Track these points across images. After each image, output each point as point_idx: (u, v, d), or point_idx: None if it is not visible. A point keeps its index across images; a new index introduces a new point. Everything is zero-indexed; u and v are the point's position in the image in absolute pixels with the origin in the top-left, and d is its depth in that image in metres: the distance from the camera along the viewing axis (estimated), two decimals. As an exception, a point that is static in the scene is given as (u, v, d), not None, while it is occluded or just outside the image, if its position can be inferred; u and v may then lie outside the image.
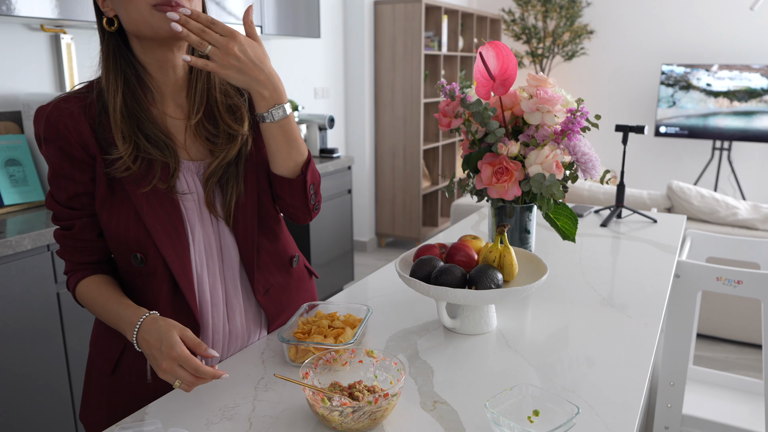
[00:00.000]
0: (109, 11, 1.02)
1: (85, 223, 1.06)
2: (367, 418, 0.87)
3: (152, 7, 0.96)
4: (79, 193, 1.05)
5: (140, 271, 1.08)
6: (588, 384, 1.02)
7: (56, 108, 1.02)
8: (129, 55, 1.04)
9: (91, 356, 1.17)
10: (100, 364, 1.13)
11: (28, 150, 2.30)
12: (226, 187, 1.10)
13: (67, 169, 1.03)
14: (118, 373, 1.11)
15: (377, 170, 4.93)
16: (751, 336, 3.15)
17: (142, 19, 0.97)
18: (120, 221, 1.04)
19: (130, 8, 0.97)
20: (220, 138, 1.10)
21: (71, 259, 1.09)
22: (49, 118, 1.01)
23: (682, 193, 3.25)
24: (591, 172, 1.39)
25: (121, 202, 1.04)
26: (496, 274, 1.16)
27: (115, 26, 1.02)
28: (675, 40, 5.62)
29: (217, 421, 0.92)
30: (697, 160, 5.73)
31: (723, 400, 2.27)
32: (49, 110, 1.02)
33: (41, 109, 1.03)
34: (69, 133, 1.01)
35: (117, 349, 1.11)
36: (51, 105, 1.02)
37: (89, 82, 1.08)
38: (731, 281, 1.84)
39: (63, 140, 1.01)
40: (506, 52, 1.35)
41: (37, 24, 2.35)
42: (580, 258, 1.71)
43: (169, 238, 1.05)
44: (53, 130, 1.01)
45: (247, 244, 1.13)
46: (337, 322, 1.15)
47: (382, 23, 4.65)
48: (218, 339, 1.14)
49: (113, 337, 1.11)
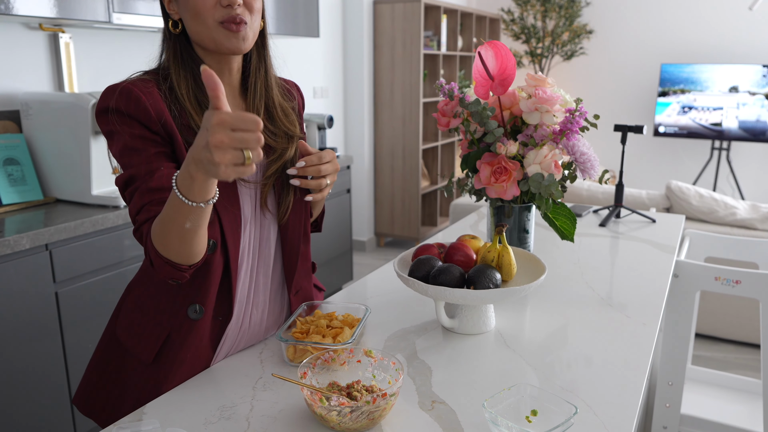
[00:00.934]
0: (174, 14, 1.06)
1: (168, 172, 0.99)
2: (365, 418, 0.87)
3: (218, 23, 1.02)
4: (160, 152, 1.01)
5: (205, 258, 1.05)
6: (586, 384, 1.03)
7: (134, 84, 1.02)
8: (195, 54, 1.08)
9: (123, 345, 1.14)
10: (138, 354, 1.11)
11: (27, 149, 2.29)
12: (283, 186, 1.15)
13: (147, 133, 1.01)
14: (158, 362, 1.10)
15: (376, 170, 4.93)
16: (750, 336, 3.15)
17: (207, 33, 1.03)
18: None
19: (196, 21, 1.02)
20: (279, 137, 1.15)
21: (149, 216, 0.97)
22: (129, 93, 1.00)
23: (681, 193, 3.25)
24: (590, 171, 1.39)
25: None
26: (495, 274, 1.16)
27: (179, 29, 1.06)
28: (674, 40, 5.62)
29: (215, 420, 0.92)
30: (696, 160, 5.74)
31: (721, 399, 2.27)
32: (126, 86, 1.01)
33: (115, 86, 1.02)
34: (149, 107, 1.00)
35: (160, 338, 1.09)
36: (127, 82, 1.02)
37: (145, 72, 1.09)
38: (730, 281, 1.84)
39: (143, 113, 1.00)
40: (505, 51, 1.35)
41: (36, 23, 2.35)
42: (579, 258, 1.71)
43: (231, 227, 1.08)
44: (133, 103, 1.00)
45: (294, 243, 1.19)
46: (335, 322, 1.15)
47: (381, 23, 4.65)
48: (234, 332, 1.16)
49: (154, 325, 1.10)
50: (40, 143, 2.29)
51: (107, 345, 1.18)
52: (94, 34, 2.63)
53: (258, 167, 1.12)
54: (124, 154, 1.01)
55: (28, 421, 1.98)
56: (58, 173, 2.28)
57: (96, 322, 2.16)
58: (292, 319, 1.17)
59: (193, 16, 1.02)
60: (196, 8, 1.02)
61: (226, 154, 0.74)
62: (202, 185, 0.83)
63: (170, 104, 1.04)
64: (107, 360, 1.17)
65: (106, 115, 1.02)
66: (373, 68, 4.76)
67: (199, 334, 1.10)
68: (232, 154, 0.74)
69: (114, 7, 2.26)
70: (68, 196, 2.29)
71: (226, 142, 0.74)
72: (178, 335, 1.09)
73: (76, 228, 2.03)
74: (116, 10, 2.27)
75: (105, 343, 1.19)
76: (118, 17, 2.28)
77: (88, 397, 1.18)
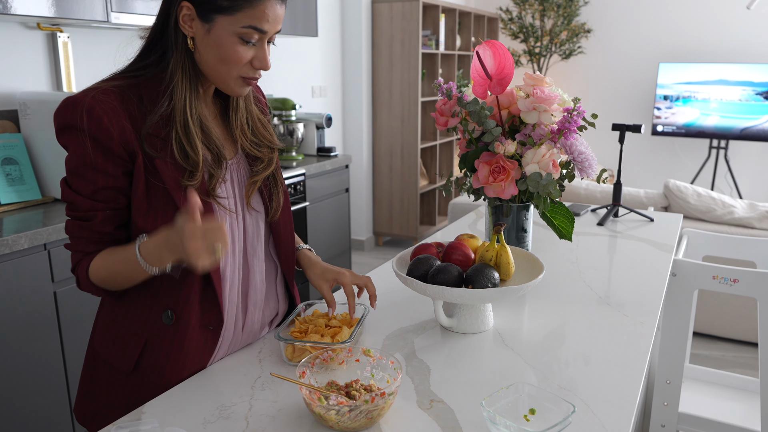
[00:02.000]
0: (189, 31, 1.03)
1: (107, 216, 1.04)
2: (363, 417, 0.87)
3: (240, 77, 1.06)
4: (108, 186, 1.02)
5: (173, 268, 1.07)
6: (584, 382, 1.03)
7: (97, 101, 0.99)
8: (199, 71, 1.07)
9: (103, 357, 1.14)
10: (118, 365, 1.12)
11: (25, 149, 2.29)
12: (273, 188, 1.20)
13: (100, 161, 1.01)
14: (138, 371, 1.10)
15: (375, 169, 4.93)
16: (748, 334, 3.16)
17: (223, 78, 1.05)
18: (158, 220, 1.03)
19: (219, 64, 1.03)
20: (263, 147, 1.18)
21: (84, 249, 1.06)
22: (90, 111, 0.99)
23: (679, 192, 3.25)
24: (588, 171, 1.40)
25: (162, 201, 1.04)
26: (493, 273, 1.16)
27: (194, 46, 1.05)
28: (672, 39, 5.62)
29: (214, 420, 0.92)
30: (694, 159, 5.74)
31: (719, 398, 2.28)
32: (89, 102, 0.99)
33: (76, 99, 1.00)
34: (112, 127, 0.99)
35: (137, 347, 1.09)
36: (89, 96, 1.00)
37: (119, 76, 1.07)
38: (727, 280, 1.85)
39: (104, 133, 0.99)
40: (503, 51, 1.35)
41: (34, 22, 2.34)
42: (577, 257, 1.71)
43: None
44: (95, 122, 0.99)
45: (288, 238, 1.23)
46: (334, 321, 1.15)
47: (380, 22, 4.65)
48: (230, 336, 1.15)
49: (131, 335, 1.10)
50: (38, 143, 2.29)
51: (91, 357, 1.18)
52: (93, 33, 2.63)
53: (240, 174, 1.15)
54: (74, 174, 1.03)
55: (26, 420, 1.98)
56: (56, 173, 2.28)
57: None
58: (290, 318, 1.17)
59: (221, 58, 1.02)
60: (226, 56, 1.02)
61: (200, 253, 0.90)
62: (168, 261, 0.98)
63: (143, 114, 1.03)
64: (92, 371, 1.17)
65: (66, 130, 1.02)
66: (372, 67, 4.76)
67: (178, 340, 1.07)
68: (206, 251, 0.90)
69: (112, 6, 2.26)
70: (66, 195, 2.29)
71: (200, 247, 0.89)
72: (156, 342, 1.09)
73: (75, 227, 2.02)
74: (114, 10, 2.27)
75: (89, 355, 1.19)
76: (116, 16, 2.28)
77: (82, 407, 1.18)
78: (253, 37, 1.02)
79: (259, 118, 1.20)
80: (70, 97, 1.02)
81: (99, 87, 1.02)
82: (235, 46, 1.02)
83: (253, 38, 1.02)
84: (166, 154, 1.03)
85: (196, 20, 1.02)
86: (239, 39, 1.02)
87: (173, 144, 1.03)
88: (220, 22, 1.00)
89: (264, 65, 1.05)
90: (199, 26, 1.02)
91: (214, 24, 1.01)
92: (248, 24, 1.00)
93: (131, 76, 1.07)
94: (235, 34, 1.01)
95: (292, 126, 3.44)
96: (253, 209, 1.17)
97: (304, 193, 3.26)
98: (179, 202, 1.03)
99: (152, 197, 1.03)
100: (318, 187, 3.41)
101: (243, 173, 1.16)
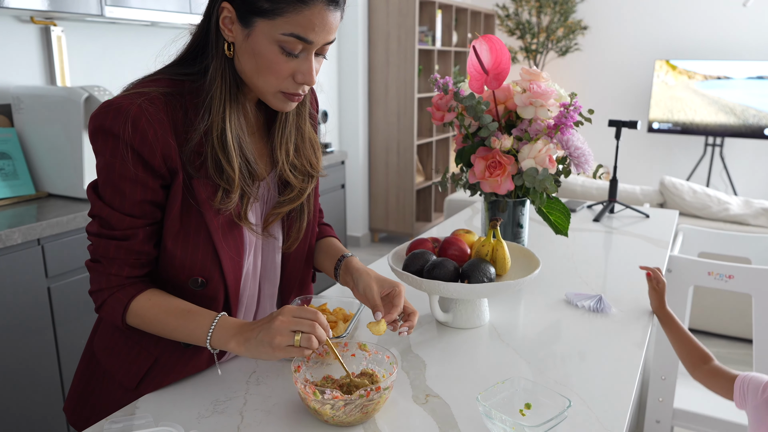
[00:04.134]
0: (229, 35, 0.92)
1: (147, 233, 0.96)
2: (358, 412, 0.87)
3: (280, 92, 0.94)
4: (147, 200, 0.94)
5: (194, 292, 1.01)
6: (580, 377, 1.03)
7: (143, 111, 0.90)
8: (240, 80, 0.97)
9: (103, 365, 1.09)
10: (119, 379, 1.05)
11: (18, 143, 2.28)
12: (296, 220, 1.10)
13: (141, 174, 0.92)
14: (139, 389, 1.03)
15: (371, 165, 4.92)
16: (742, 331, 3.16)
17: (263, 90, 0.94)
18: (188, 243, 0.97)
19: (259, 74, 0.92)
20: (300, 173, 1.07)
21: (120, 273, 0.96)
22: (136, 122, 0.89)
23: (675, 189, 3.26)
24: (584, 166, 1.39)
25: (194, 224, 0.97)
26: (489, 268, 1.16)
27: (231, 52, 0.94)
28: (668, 35, 5.63)
29: (209, 415, 0.92)
30: (689, 156, 5.76)
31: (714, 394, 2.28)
32: (135, 111, 0.89)
33: (120, 105, 0.90)
34: (156, 142, 0.90)
35: (145, 365, 1.03)
36: (135, 105, 0.90)
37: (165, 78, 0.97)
38: (723, 276, 1.85)
39: (147, 148, 0.90)
40: (499, 45, 1.35)
41: (27, 16, 2.33)
42: (573, 252, 1.71)
43: (232, 264, 1.01)
44: (139, 135, 0.89)
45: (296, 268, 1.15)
46: (329, 316, 1.14)
47: (376, 18, 4.63)
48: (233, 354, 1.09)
49: (140, 350, 1.04)
50: (32, 137, 2.27)
51: (89, 362, 1.13)
52: (87, 27, 2.61)
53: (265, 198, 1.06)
54: (107, 185, 0.94)
55: (20, 416, 1.97)
56: (50, 168, 2.27)
57: (89, 318, 2.15)
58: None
59: (259, 68, 0.92)
60: (265, 67, 0.91)
61: (292, 325, 0.87)
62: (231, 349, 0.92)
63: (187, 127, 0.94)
64: (88, 376, 1.12)
65: (103, 136, 0.92)
66: (368, 63, 4.75)
67: (192, 363, 1.03)
68: (288, 336, 0.86)
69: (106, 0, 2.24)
70: (60, 190, 2.27)
71: (287, 325, 0.86)
72: (168, 362, 1.03)
73: (69, 223, 2.01)
74: (108, 3, 2.25)
75: (86, 360, 1.13)
76: (110, 10, 2.26)
77: (75, 409, 1.14)
78: (297, 47, 0.90)
79: (310, 138, 1.08)
80: (112, 101, 0.91)
81: (145, 93, 0.92)
82: (274, 56, 0.90)
83: (297, 49, 0.90)
84: (204, 173, 0.95)
85: (236, 24, 0.91)
86: (280, 48, 0.90)
87: (208, 159, 0.94)
88: (260, 27, 0.89)
89: (308, 80, 0.93)
90: (239, 30, 0.91)
91: (254, 29, 0.89)
92: (290, 32, 0.88)
93: (177, 80, 0.96)
94: (275, 41, 0.89)
95: (287, 122, 3.42)
96: (272, 236, 1.09)
97: (299, 189, 3.24)
98: (211, 227, 0.97)
99: (184, 218, 0.96)
100: (314, 183, 3.40)
101: (271, 197, 1.06)
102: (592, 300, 1.32)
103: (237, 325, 0.92)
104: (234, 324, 0.93)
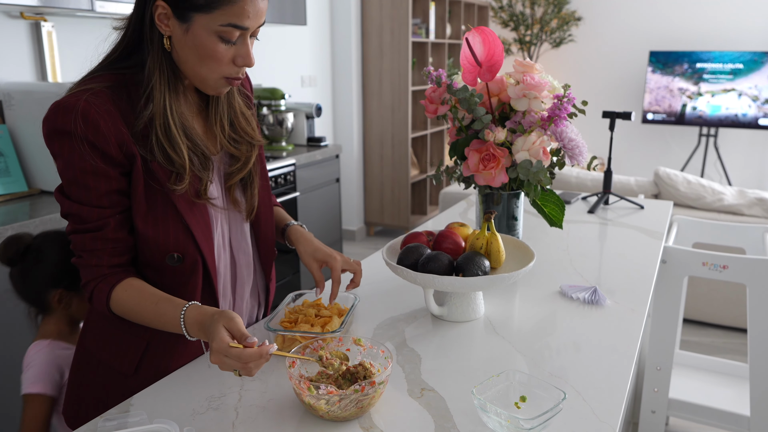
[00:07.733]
0: (165, 29, 0.98)
1: (118, 221, 1.00)
2: (353, 407, 0.87)
3: (223, 77, 1.01)
4: (112, 190, 0.99)
5: (173, 269, 1.05)
6: (575, 369, 1.03)
7: (91, 104, 0.95)
8: (178, 70, 1.02)
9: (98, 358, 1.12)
10: (117, 367, 1.09)
11: (10, 140, 2.26)
12: (248, 187, 1.15)
13: (101, 166, 0.96)
14: (138, 373, 1.08)
15: (365, 159, 4.91)
16: (737, 320, 3.18)
17: (204, 78, 1.01)
18: (158, 222, 1.02)
19: (200, 63, 0.99)
20: (242, 144, 1.13)
21: (100, 263, 1.01)
22: (86, 115, 0.94)
23: (669, 180, 3.26)
24: (578, 158, 1.39)
25: (160, 203, 1.02)
26: (484, 261, 1.16)
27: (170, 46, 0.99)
28: (662, 26, 5.62)
29: (203, 411, 0.92)
30: (683, 147, 5.76)
31: (709, 384, 2.29)
32: (83, 106, 0.94)
33: (68, 104, 0.95)
34: (109, 131, 0.95)
35: (138, 350, 1.08)
36: (81, 100, 0.95)
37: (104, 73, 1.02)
38: (717, 266, 1.86)
39: (101, 138, 0.95)
40: (493, 37, 1.34)
41: (17, 11, 2.31)
42: (568, 244, 1.71)
43: (204, 236, 1.06)
44: (91, 127, 0.94)
45: (268, 235, 1.21)
46: (324, 311, 1.14)
47: (369, 10, 4.61)
48: None
49: (131, 337, 1.08)
50: (24, 134, 2.26)
51: (81, 358, 1.15)
52: (77, 22, 2.59)
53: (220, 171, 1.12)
54: (72, 184, 0.98)
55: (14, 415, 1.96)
56: (42, 164, 2.25)
57: (83, 314, 2.14)
58: (280, 308, 1.16)
59: (201, 58, 0.98)
60: (207, 56, 0.97)
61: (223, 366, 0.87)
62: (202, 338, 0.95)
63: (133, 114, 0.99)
64: (84, 373, 1.14)
65: (58, 136, 0.96)
66: (362, 56, 4.73)
67: (183, 340, 1.04)
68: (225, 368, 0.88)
69: (97, -6, 2.22)
70: (53, 187, 2.26)
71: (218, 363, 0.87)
72: (159, 344, 1.08)
73: (62, 220, 2.00)
74: (99, -2, 2.23)
75: (79, 356, 1.16)
76: (101, 5, 2.24)
77: (73, 410, 1.15)
78: (234, 35, 0.97)
79: (242, 111, 1.14)
80: (59, 102, 0.96)
81: (89, 89, 0.97)
82: (215, 46, 0.97)
83: (234, 36, 0.97)
84: (154, 157, 1.00)
85: (173, 19, 0.96)
86: (219, 38, 0.96)
87: (155, 148, 0.99)
88: (198, 21, 0.95)
89: (247, 62, 1.00)
90: (176, 25, 0.97)
91: (192, 23, 0.96)
92: (228, 22, 0.95)
93: (118, 74, 1.01)
94: (214, 33, 0.96)
95: (281, 116, 3.41)
96: (235, 208, 1.15)
97: (294, 184, 3.24)
98: (178, 204, 1.02)
99: (150, 198, 1.01)
100: (308, 177, 3.39)
101: (227, 169, 1.13)
102: (587, 292, 1.32)
103: (198, 322, 0.94)
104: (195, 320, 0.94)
